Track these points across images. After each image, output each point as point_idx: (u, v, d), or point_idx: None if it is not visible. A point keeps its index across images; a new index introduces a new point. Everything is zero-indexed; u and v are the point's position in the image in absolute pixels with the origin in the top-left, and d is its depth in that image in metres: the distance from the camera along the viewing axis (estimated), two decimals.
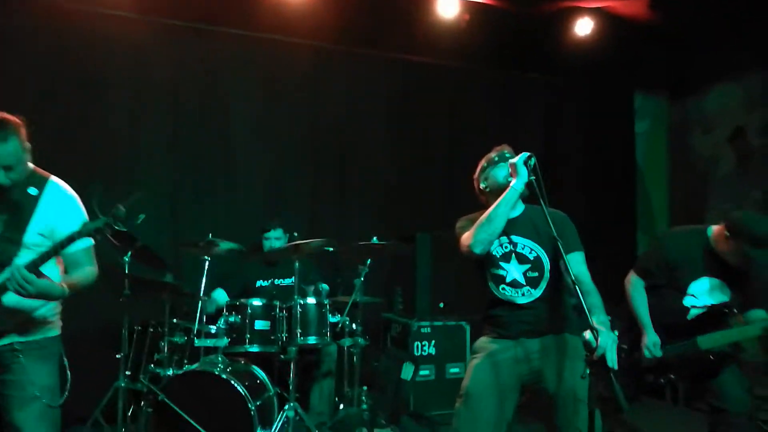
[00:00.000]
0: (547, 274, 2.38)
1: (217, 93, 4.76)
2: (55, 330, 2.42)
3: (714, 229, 2.86)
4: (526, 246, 2.41)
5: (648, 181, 6.27)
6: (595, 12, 5.21)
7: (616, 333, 2.09)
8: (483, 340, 2.47)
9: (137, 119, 4.54)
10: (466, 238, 2.38)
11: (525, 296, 2.38)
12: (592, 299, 2.20)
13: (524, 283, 2.38)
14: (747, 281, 2.84)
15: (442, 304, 4.70)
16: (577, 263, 2.33)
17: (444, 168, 5.33)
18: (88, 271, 2.36)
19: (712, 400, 2.86)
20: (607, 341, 1.99)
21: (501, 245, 2.41)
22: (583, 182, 5.41)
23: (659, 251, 2.95)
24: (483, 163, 2.57)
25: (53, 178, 2.36)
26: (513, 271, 2.39)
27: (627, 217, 6.09)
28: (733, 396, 2.78)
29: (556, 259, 2.35)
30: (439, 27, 5.02)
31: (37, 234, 2.26)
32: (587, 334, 2.01)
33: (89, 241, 2.33)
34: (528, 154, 2.32)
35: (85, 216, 2.34)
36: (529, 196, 2.38)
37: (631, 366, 2.92)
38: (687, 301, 2.88)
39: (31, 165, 2.30)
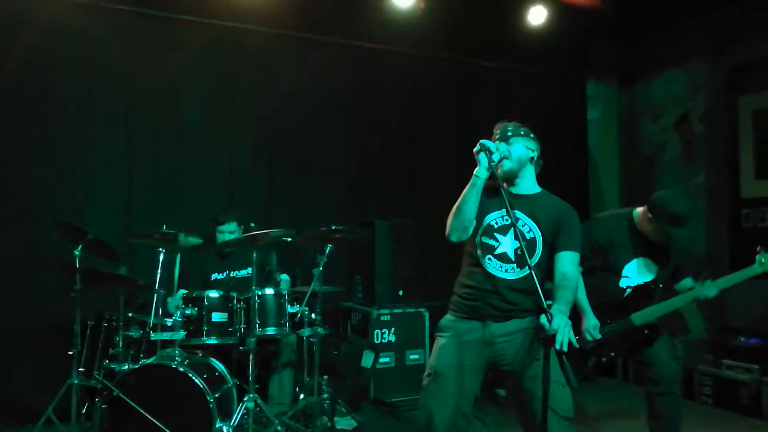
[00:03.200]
0: (536, 258, 2.37)
1: (170, 81, 4.63)
2: None
3: (638, 211, 3.06)
4: (527, 225, 2.41)
5: (600, 166, 6.45)
6: (549, 0, 5.30)
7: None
8: (449, 319, 2.48)
9: (88, 108, 4.38)
10: (447, 224, 2.40)
11: (508, 273, 2.38)
12: (566, 293, 2.27)
13: (513, 259, 2.38)
14: (669, 258, 3.05)
15: (401, 292, 4.75)
16: (569, 261, 2.37)
17: (401, 155, 5.34)
18: None
19: (645, 371, 3.07)
20: (560, 323, 2.07)
21: (503, 217, 2.40)
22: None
23: (590, 236, 3.03)
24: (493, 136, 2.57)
25: None
26: (506, 244, 2.39)
27: (580, 202, 6.25)
28: (663, 364, 2.99)
29: (550, 248, 2.37)
30: (395, 14, 5.02)
31: None
32: (542, 317, 2.09)
33: None
34: (483, 141, 2.34)
35: None
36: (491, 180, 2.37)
37: (573, 349, 3.03)
38: (623, 283, 3.06)
39: None
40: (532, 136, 2.57)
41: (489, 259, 2.40)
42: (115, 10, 4.43)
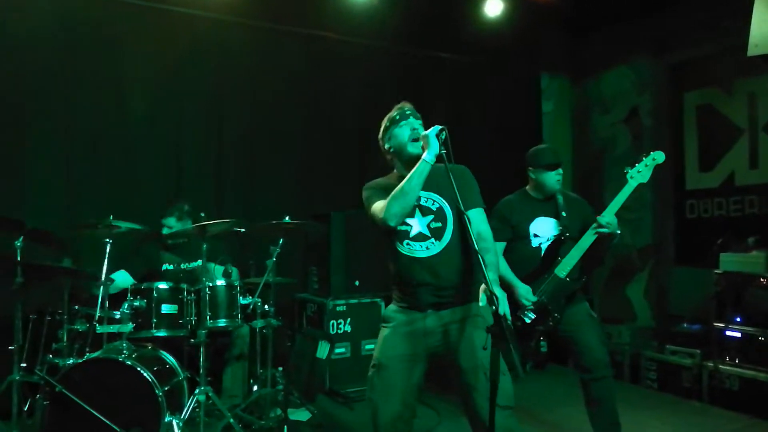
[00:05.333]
0: (450, 225, 2.38)
1: (115, 67, 4.48)
2: None
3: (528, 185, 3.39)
4: (429, 198, 2.42)
5: None
6: None
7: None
8: (392, 309, 2.48)
9: (27, 93, 4.20)
10: (379, 210, 2.36)
11: (429, 249, 2.37)
12: (490, 256, 2.27)
13: (429, 235, 2.38)
14: (570, 209, 3.26)
15: (357, 282, 4.74)
16: (479, 221, 2.39)
17: (355, 146, 5.31)
18: None
19: (576, 360, 3.19)
20: (500, 295, 2.08)
21: None
22: (490, 160, 5.57)
23: (495, 211, 3.29)
24: (385, 122, 2.55)
25: None
26: (417, 224, 2.39)
27: None
28: (593, 349, 3.10)
29: (459, 213, 2.33)
30: (350, 3, 4.98)
31: None
32: (482, 288, 2.07)
33: None
34: (440, 127, 2.32)
35: None
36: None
37: (519, 331, 3.11)
38: (535, 242, 3.24)
39: None
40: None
41: (408, 244, 2.40)
42: None
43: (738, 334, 4.25)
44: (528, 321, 3.15)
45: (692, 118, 5.40)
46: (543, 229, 3.24)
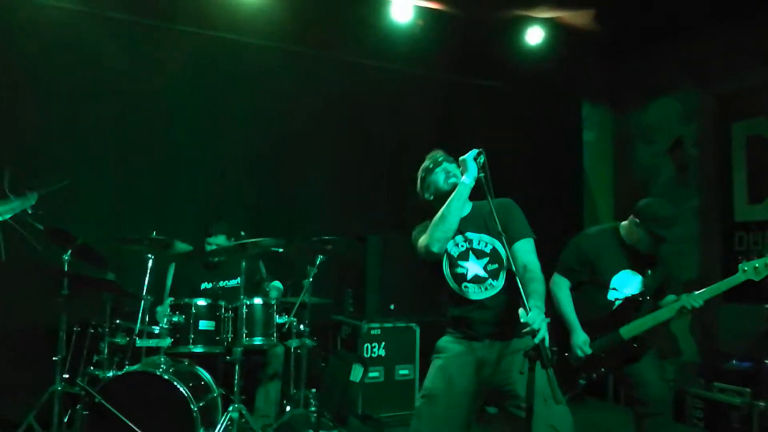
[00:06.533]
0: (506, 264, 2.35)
1: (162, 89, 4.65)
2: None
3: (624, 223, 3.10)
4: (482, 240, 2.40)
5: (594, 188, 6.47)
6: (546, 22, 5.36)
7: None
8: (446, 340, 2.44)
9: (79, 113, 4.40)
10: (423, 240, 2.38)
11: (488, 290, 2.36)
12: (535, 285, 2.21)
13: (486, 276, 2.36)
14: (656, 269, 3.05)
15: (392, 306, 4.71)
16: (525, 252, 2.33)
17: (393, 170, 5.34)
18: None
19: (633, 392, 3.04)
20: (537, 317, 2.00)
21: (457, 245, 2.41)
22: (531, 189, 5.51)
23: (577, 249, 3.10)
24: (420, 173, 2.57)
25: None
26: (473, 267, 2.38)
27: (574, 224, 6.25)
28: (652, 384, 2.95)
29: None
30: (393, 31, 5.07)
31: None
32: (521, 311, 2.03)
33: None
34: (477, 150, 2.34)
35: None
36: (477, 191, 2.36)
37: (563, 367, 3.00)
38: (611, 295, 3.05)
39: None
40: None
41: (465, 287, 2.39)
42: (114, 19, 4.48)
43: None
44: (573, 364, 3.04)
45: (741, 148, 5.24)
46: (624, 285, 3.05)
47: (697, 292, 2.92)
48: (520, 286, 2.09)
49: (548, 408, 2.12)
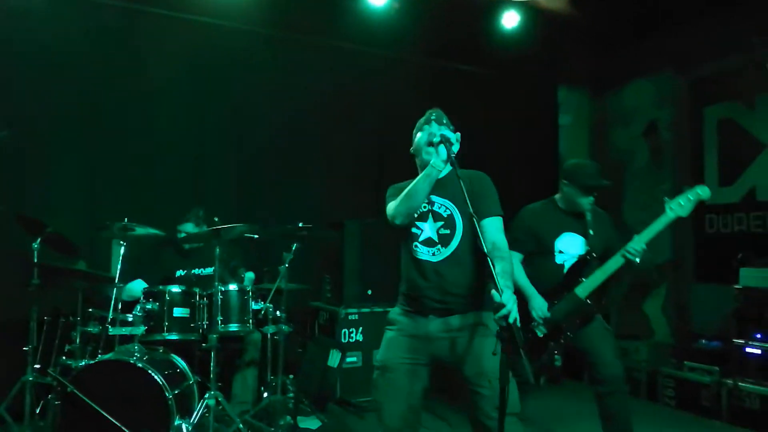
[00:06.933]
0: (459, 232, 2.37)
1: (139, 73, 4.57)
2: None
3: (557, 194, 3.29)
4: (443, 205, 2.41)
5: None
6: (521, 5, 5.35)
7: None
8: (396, 312, 2.48)
9: (54, 98, 4.30)
10: (390, 207, 2.41)
11: (436, 255, 2.37)
12: (504, 265, 2.23)
13: (437, 241, 2.38)
14: (598, 228, 3.18)
15: (370, 291, 4.72)
16: (495, 229, 2.35)
17: (373, 156, 5.33)
18: None
19: (591, 372, 3.12)
20: (510, 299, 2.02)
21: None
22: (506, 172, 5.52)
23: (521, 220, 3.24)
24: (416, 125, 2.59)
25: None
26: (428, 229, 2.40)
27: None
28: (608, 363, 3.04)
29: (472, 221, 2.29)
30: (370, 15, 5.02)
31: None
32: (493, 292, 2.04)
33: None
34: (443, 132, 2.34)
35: None
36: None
37: (531, 344, 3.06)
38: (558, 259, 3.16)
39: None
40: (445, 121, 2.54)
41: (416, 246, 2.41)
42: (94, 2, 4.38)
43: (758, 352, 4.14)
44: (540, 335, 3.10)
45: (713, 132, 5.32)
46: (569, 246, 3.17)
47: (636, 236, 3.01)
48: (490, 264, 2.08)
49: (490, 388, 2.19)
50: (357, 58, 5.33)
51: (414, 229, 2.42)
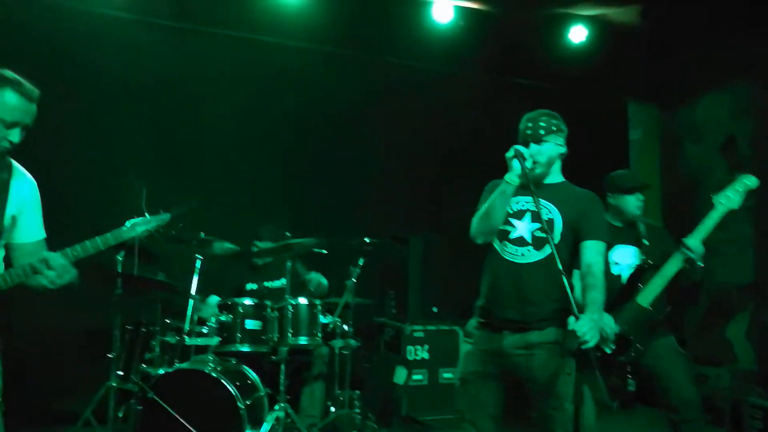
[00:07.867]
0: (556, 239, 2.22)
1: (207, 92, 4.79)
2: None
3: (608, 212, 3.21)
4: (545, 207, 2.31)
5: None
6: (589, 20, 5.27)
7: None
8: (472, 324, 2.55)
9: (122, 111, 4.54)
10: (473, 223, 2.37)
11: (525, 256, 2.29)
12: (594, 294, 2.17)
13: (529, 242, 2.29)
14: (653, 238, 3.13)
15: (435, 309, 4.70)
16: (594, 252, 2.27)
17: (437, 171, 5.33)
18: None
19: (663, 398, 2.97)
20: (585, 327, 1.97)
21: (518, 202, 2.35)
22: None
23: None
24: None
25: (13, 160, 2.10)
26: (522, 228, 2.32)
27: None
28: (681, 387, 2.91)
29: (572, 232, 2.26)
30: (434, 32, 5.08)
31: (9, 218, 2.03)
32: (570, 319, 2.02)
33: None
34: (517, 147, 2.31)
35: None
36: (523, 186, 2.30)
37: (602, 363, 2.95)
38: (615, 270, 3.10)
39: None
40: (562, 128, 2.52)
41: (505, 245, 2.34)
42: (155, 24, 4.62)
43: None
44: (608, 351, 2.99)
45: None
46: (623, 257, 3.12)
47: (690, 235, 2.87)
48: (566, 283, 2.03)
49: (557, 407, 2.18)
50: (422, 76, 5.37)
51: (506, 226, 2.34)
